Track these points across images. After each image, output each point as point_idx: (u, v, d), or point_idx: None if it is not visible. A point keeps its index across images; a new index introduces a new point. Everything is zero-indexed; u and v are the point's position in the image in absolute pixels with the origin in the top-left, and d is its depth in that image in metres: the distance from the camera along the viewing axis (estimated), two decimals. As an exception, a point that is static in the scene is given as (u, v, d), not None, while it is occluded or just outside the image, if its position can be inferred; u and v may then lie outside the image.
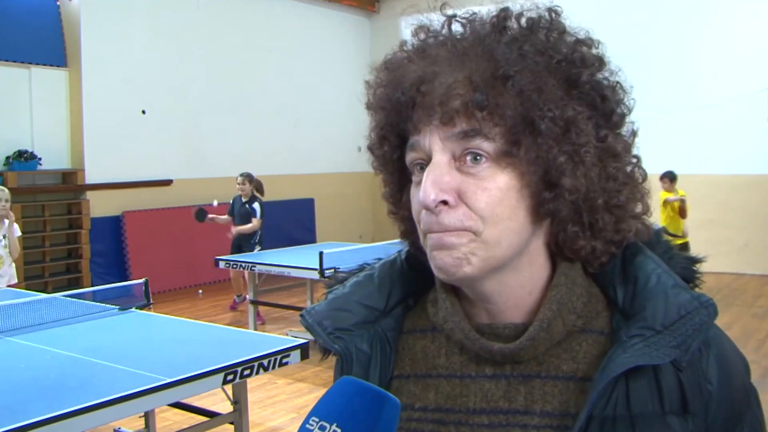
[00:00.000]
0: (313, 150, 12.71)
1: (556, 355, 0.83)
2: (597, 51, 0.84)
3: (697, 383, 0.79)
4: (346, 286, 0.94)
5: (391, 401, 0.76)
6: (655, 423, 0.78)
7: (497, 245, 0.79)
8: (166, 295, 9.49)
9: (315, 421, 0.76)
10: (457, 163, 0.78)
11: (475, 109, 0.76)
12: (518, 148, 0.77)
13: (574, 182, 0.78)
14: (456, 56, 0.79)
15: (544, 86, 0.77)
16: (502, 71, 0.76)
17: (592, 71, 0.81)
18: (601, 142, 0.80)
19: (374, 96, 0.86)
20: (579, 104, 0.79)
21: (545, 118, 0.76)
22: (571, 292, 0.83)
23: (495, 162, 0.78)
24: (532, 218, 0.80)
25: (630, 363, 0.77)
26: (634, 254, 0.84)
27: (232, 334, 4.42)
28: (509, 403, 0.83)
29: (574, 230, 0.81)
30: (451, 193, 0.78)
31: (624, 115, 0.84)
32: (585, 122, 0.79)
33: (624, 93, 0.84)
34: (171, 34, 10.49)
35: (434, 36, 0.84)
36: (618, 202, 0.81)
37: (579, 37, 0.83)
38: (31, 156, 9.00)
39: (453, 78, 0.77)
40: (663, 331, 0.78)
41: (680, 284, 0.82)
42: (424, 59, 0.81)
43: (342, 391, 0.78)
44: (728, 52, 10.32)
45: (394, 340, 0.92)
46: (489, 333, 0.85)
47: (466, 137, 0.77)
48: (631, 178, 0.84)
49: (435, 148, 0.79)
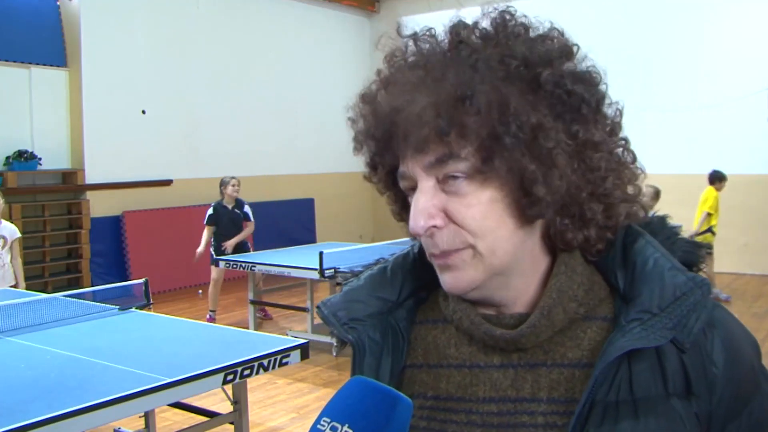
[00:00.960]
0: (313, 150, 12.71)
1: (561, 343, 0.85)
2: (561, 41, 0.83)
3: (701, 365, 0.80)
4: (360, 279, 0.97)
5: (403, 402, 0.76)
6: (659, 406, 0.78)
7: (493, 255, 0.81)
8: (166, 295, 9.49)
9: (326, 421, 0.76)
10: (441, 185, 0.80)
11: (441, 136, 0.77)
12: (491, 163, 0.78)
13: (548, 187, 0.78)
14: (420, 82, 0.80)
15: (504, 98, 0.77)
16: (459, 93, 0.76)
17: (555, 67, 0.80)
18: (574, 138, 0.80)
19: (357, 130, 0.88)
20: (545, 105, 0.79)
21: (509, 131, 0.76)
22: (571, 280, 0.84)
23: (473, 179, 0.79)
24: (521, 222, 0.81)
25: (627, 346, 0.78)
26: (634, 240, 0.85)
27: (232, 334, 4.42)
28: (517, 392, 0.85)
29: (564, 223, 0.82)
30: (438, 217, 0.80)
31: (599, 102, 0.83)
32: (552, 124, 0.78)
33: (597, 78, 0.83)
34: (171, 35, 10.49)
35: (403, 60, 0.85)
36: (604, 191, 0.82)
37: (540, 32, 0.83)
38: (31, 156, 9.00)
39: (419, 106, 0.78)
40: (659, 314, 0.79)
41: (677, 266, 0.82)
42: (393, 88, 0.83)
43: (353, 391, 0.78)
44: (728, 52, 10.33)
45: (406, 331, 0.94)
46: (495, 323, 0.87)
47: (440, 163, 0.79)
48: (618, 162, 0.84)
49: (418, 175, 0.81)
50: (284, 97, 12.15)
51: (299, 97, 12.43)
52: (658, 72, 10.35)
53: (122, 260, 9.78)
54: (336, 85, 13.05)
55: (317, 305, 0.97)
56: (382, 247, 7.52)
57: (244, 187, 8.31)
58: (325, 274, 6.33)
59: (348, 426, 0.74)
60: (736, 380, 0.81)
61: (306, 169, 12.64)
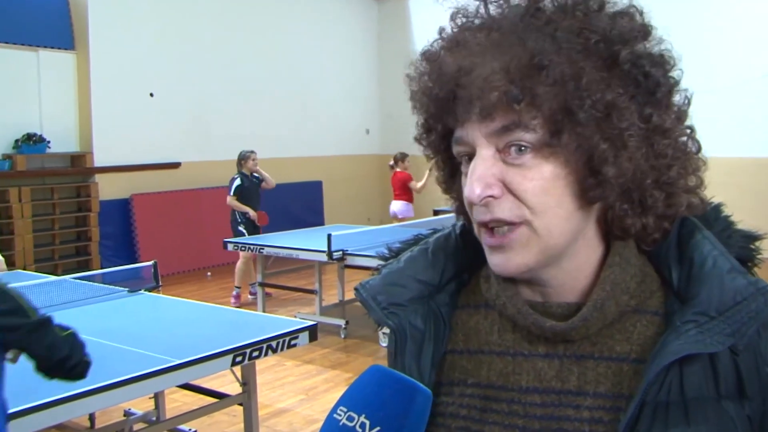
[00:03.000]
0: (321, 133, 12.69)
1: (609, 335, 0.82)
2: (639, 20, 0.80)
3: (755, 366, 0.77)
4: (400, 261, 0.93)
5: (422, 393, 0.74)
6: (709, 407, 0.76)
7: (549, 235, 0.78)
8: (174, 278, 9.52)
9: (343, 411, 0.74)
10: (502, 154, 0.77)
11: (512, 103, 0.74)
12: (560, 137, 0.75)
13: (618, 168, 0.76)
14: (492, 45, 0.76)
15: (581, 71, 0.74)
16: (537, 61, 0.73)
17: (633, 46, 0.77)
18: (647, 122, 0.77)
19: (415, 88, 0.85)
20: (620, 85, 0.76)
21: (584, 105, 0.74)
22: (625, 272, 0.82)
23: (538, 152, 0.76)
24: (581, 203, 0.78)
25: (683, 350, 0.75)
26: (691, 233, 0.82)
27: (241, 316, 4.44)
28: (562, 384, 0.82)
29: (624, 208, 0.79)
30: (496, 187, 0.77)
31: (672, 87, 0.80)
32: (627, 104, 0.76)
33: (671, 62, 0.80)
34: (179, 17, 10.46)
35: (471, 21, 0.82)
36: (668, 179, 0.79)
37: (618, 8, 0.80)
38: (39, 139, 9.02)
39: (489, 69, 0.74)
40: (717, 318, 0.76)
41: (737, 268, 0.79)
42: (460, 49, 0.79)
43: (372, 380, 0.76)
44: (732, 37, 10.22)
45: (448, 316, 0.91)
46: (542, 311, 0.84)
47: (506, 131, 0.75)
48: (683, 151, 0.81)
49: (478, 142, 0.78)
50: (292, 79, 12.11)
51: (307, 79, 12.39)
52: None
53: (131, 243, 9.81)
54: (344, 67, 13.01)
55: (355, 287, 0.93)
56: (390, 230, 7.51)
57: (253, 170, 8.35)
58: (333, 256, 6.33)
59: (365, 416, 0.73)
60: None
61: (314, 152, 12.63)
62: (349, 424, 0.73)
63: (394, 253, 0.97)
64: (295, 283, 8.16)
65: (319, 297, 7.09)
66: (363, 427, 0.72)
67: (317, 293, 7.11)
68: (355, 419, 0.73)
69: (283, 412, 5.02)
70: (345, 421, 0.73)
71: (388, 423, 0.72)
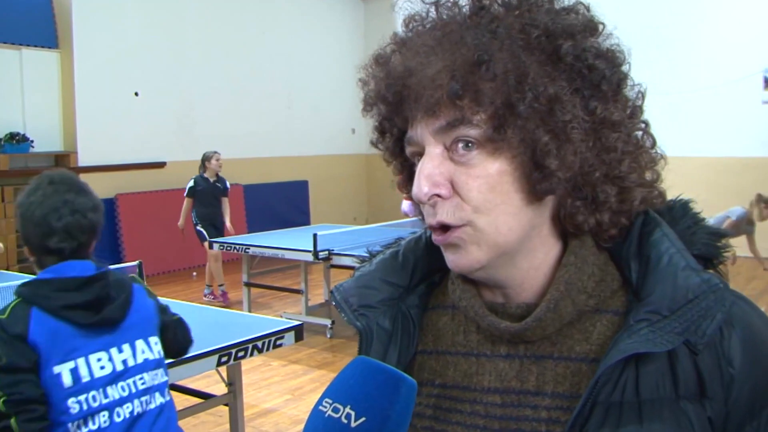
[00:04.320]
0: (308, 132, 12.67)
1: (569, 335, 0.82)
2: (586, 16, 0.81)
3: (716, 366, 0.76)
4: (372, 264, 0.95)
5: (407, 383, 0.74)
6: (666, 408, 0.75)
7: (496, 231, 0.78)
8: (160, 278, 9.49)
9: (328, 402, 0.74)
10: (450, 152, 0.78)
11: (453, 99, 0.75)
12: (504, 131, 0.75)
13: (562, 161, 0.76)
14: (437, 45, 0.77)
15: (522, 66, 0.74)
16: (477, 57, 0.74)
17: (577, 41, 0.78)
18: (591, 114, 0.77)
19: (367, 92, 0.86)
20: (563, 78, 0.76)
21: (525, 99, 0.74)
22: (581, 271, 0.81)
23: (484, 148, 0.77)
24: (530, 199, 0.78)
25: (631, 350, 0.74)
26: (651, 231, 0.81)
27: (227, 316, 4.42)
28: (521, 384, 0.83)
29: (576, 205, 0.79)
30: (443, 186, 0.78)
31: (620, 82, 0.81)
32: (570, 97, 0.76)
33: (620, 57, 0.81)
34: (164, 16, 10.41)
35: (421, 24, 0.83)
36: (619, 173, 0.79)
37: (563, 5, 0.80)
38: (23, 138, 8.94)
39: (434, 69, 0.76)
40: (669, 316, 0.76)
41: (692, 266, 0.78)
42: (408, 50, 0.80)
43: (356, 372, 0.76)
44: (723, 35, 10.30)
45: (417, 317, 0.92)
46: (501, 312, 0.85)
47: (451, 127, 0.76)
48: (636, 145, 0.81)
49: (426, 140, 0.79)
50: (278, 79, 12.09)
51: (293, 78, 12.37)
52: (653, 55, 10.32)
53: (116, 242, 9.75)
54: (330, 67, 12.98)
55: (332, 289, 0.95)
56: (377, 230, 7.51)
57: (239, 169, 8.32)
58: (319, 256, 6.33)
59: (350, 407, 0.72)
60: (755, 380, 0.77)
61: (300, 151, 12.61)
62: (335, 415, 0.73)
63: (372, 256, 0.98)
64: (280, 283, 8.15)
65: (305, 297, 7.09)
66: (348, 417, 0.72)
67: (303, 293, 7.10)
68: (341, 410, 0.73)
69: (269, 413, 5.00)
70: (330, 413, 0.73)
71: (374, 413, 0.72)
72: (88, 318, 1.99)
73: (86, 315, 1.99)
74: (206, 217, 8.04)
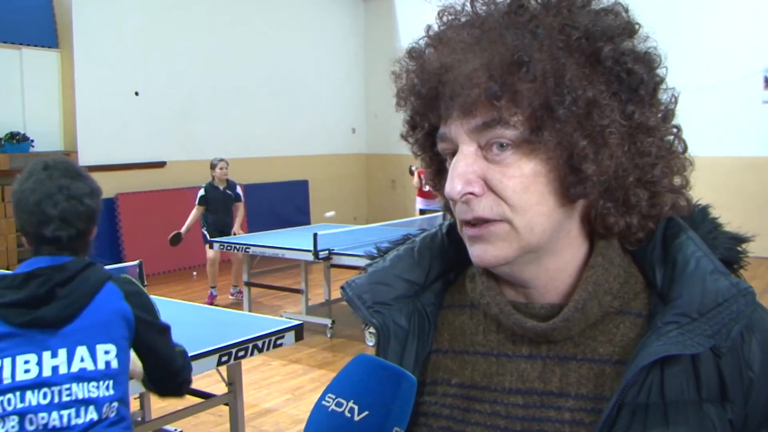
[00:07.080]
0: (308, 132, 12.67)
1: (592, 337, 0.82)
2: (624, 17, 0.80)
3: (737, 369, 0.77)
4: (386, 260, 0.93)
5: (408, 379, 0.76)
6: (690, 410, 0.75)
7: (530, 232, 0.78)
8: (160, 277, 9.49)
9: (331, 397, 0.76)
10: (484, 151, 0.77)
11: (491, 99, 0.74)
12: (540, 134, 0.75)
13: (598, 166, 0.75)
14: (474, 42, 0.76)
15: (562, 68, 0.74)
16: (517, 57, 0.73)
17: (616, 43, 0.77)
18: (629, 119, 0.77)
19: (401, 86, 0.85)
20: (602, 82, 0.76)
21: (564, 102, 0.73)
22: (608, 272, 0.81)
23: (519, 148, 0.76)
24: (563, 201, 0.78)
25: (662, 352, 0.74)
26: (676, 234, 0.81)
27: (227, 315, 4.43)
28: (544, 385, 0.82)
29: (607, 206, 0.79)
30: (477, 184, 0.77)
31: (657, 85, 0.80)
32: (608, 101, 0.75)
33: (656, 60, 0.80)
34: (164, 15, 10.41)
35: (457, 18, 0.81)
36: (652, 178, 0.79)
37: (603, 6, 0.80)
38: (23, 138, 8.95)
39: (471, 67, 0.75)
40: (699, 319, 0.75)
41: (720, 269, 0.78)
42: (444, 46, 0.79)
43: (358, 368, 0.78)
44: (723, 35, 10.30)
45: (433, 315, 0.91)
46: (525, 312, 0.84)
47: (487, 127, 0.76)
48: (669, 150, 0.81)
49: (460, 138, 0.78)
50: (279, 78, 12.09)
51: (294, 78, 12.37)
52: (653, 53, 10.33)
53: (116, 242, 9.75)
54: (331, 66, 13.00)
55: (341, 286, 0.94)
56: (377, 229, 7.52)
57: (239, 169, 8.31)
58: (320, 255, 6.33)
59: (353, 402, 0.74)
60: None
61: (300, 151, 12.61)
62: (338, 409, 0.75)
63: (381, 253, 0.97)
64: (281, 283, 8.15)
65: (305, 296, 7.08)
66: (352, 412, 0.74)
67: (303, 293, 7.10)
68: (344, 405, 0.74)
69: (270, 412, 5.01)
70: (334, 407, 0.75)
71: (377, 407, 0.74)
72: (20, 317, 1.83)
73: (21, 313, 1.83)
74: (214, 224, 8.06)
